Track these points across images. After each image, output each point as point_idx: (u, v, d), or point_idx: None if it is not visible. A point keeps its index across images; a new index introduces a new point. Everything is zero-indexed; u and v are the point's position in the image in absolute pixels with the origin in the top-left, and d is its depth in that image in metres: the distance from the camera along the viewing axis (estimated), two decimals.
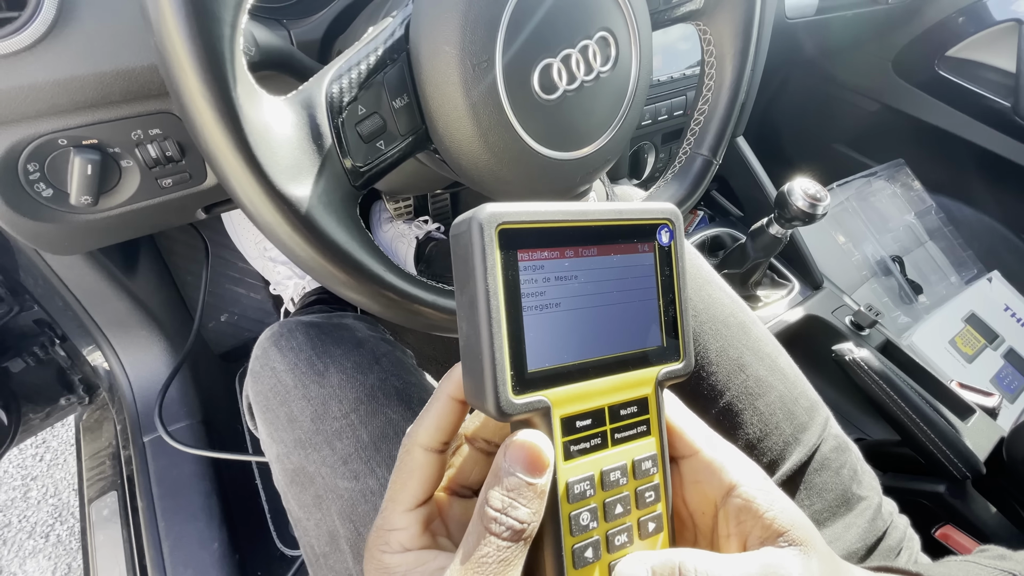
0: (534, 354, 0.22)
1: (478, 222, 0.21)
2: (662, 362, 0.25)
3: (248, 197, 0.27)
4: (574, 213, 0.23)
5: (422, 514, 0.24)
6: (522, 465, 0.21)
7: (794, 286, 0.96)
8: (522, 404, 0.21)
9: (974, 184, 1.33)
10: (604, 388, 0.24)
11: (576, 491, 0.22)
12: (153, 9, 0.23)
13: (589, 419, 0.23)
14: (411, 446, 0.25)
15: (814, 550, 0.23)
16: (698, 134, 0.49)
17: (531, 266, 0.22)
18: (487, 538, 0.20)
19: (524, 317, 0.22)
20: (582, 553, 0.22)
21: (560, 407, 0.23)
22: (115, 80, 0.39)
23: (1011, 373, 1.11)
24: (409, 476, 0.24)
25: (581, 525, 0.22)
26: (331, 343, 0.47)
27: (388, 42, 0.32)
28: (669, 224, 0.26)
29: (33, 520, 1.19)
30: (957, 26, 1.20)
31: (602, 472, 0.23)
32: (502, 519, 0.20)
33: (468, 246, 0.21)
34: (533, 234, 0.22)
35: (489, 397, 0.21)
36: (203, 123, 0.24)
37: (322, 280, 0.31)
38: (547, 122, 0.35)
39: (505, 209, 0.21)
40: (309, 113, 0.29)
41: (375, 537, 0.24)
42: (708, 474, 0.25)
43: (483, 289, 0.21)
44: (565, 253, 0.23)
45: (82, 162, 0.40)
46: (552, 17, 0.33)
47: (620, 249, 0.24)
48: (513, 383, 0.21)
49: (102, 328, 0.79)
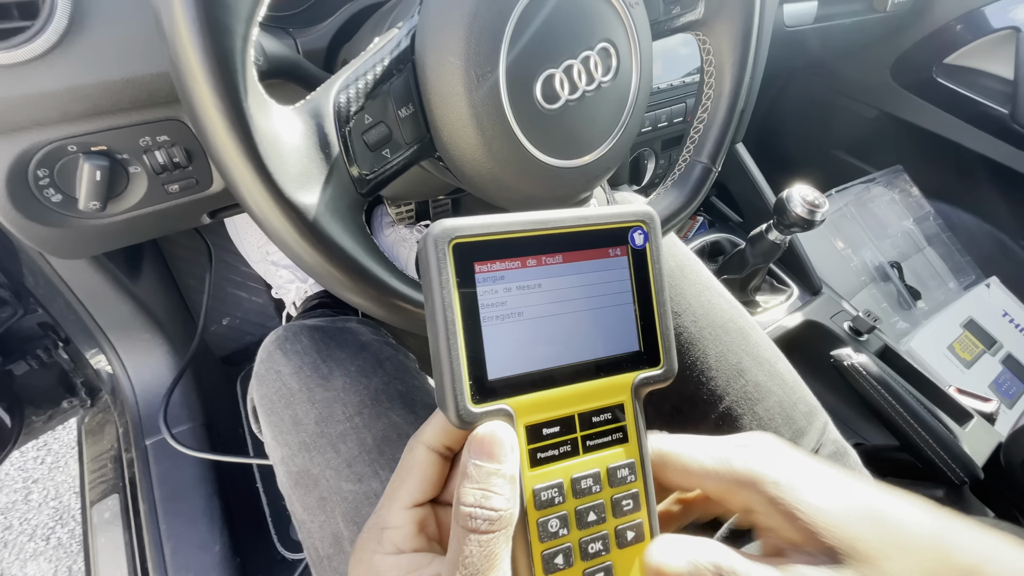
0: (495, 363, 0.22)
1: (432, 238, 0.21)
2: (639, 367, 0.25)
3: (258, 204, 0.27)
4: (533, 223, 0.23)
5: (419, 515, 0.24)
6: (484, 455, 0.21)
7: (793, 292, 0.97)
8: (481, 412, 0.22)
9: (972, 190, 1.34)
10: (573, 395, 0.24)
11: (543, 498, 0.23)
12: (167, 22, 0.23)
13: (557, 426, 0.23)
14: (414, 444, 0.25)
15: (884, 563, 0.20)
16: (697, 142, 0.50)
17: (489, 277, 0.22)
18: (467, 536, 0.20)
19: (483, 327, 0.22)
20: (552, 559, 0.22)
21: (524, 415, 0.23)
22: (125, 88, 0.39)
23: (1009, 379, 1.11)
24: (408, 473, 0.24)
25: (550, 531, 0.22)
26: (335, 347, 0.48)
27: (394, 53, 0.33)
28: (643, 226, 0.25)
29: (34, 523, 1.19)
30: (955, 33, 1.21)
31: (572, 479, 0.23)
32: (476, 512, 0.20)
33: (425, 262, 0.22)
34: (491, 246, 0.22)
35: (449, 405, 0.22)
36: (215, 133, 0.25)
37: (328, 285, 0.31)
38: (549, 131, 0.36)
39: (459, 224, 0.22)
40: (317, 122, 0.29)
41: (367, 536, 0.24)
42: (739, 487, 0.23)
43: (439, 302, 0.21)
44: (527, 262, 0.23)
45: (91, 168, 0.41)
46: (555, 29, 0.34)
47: (588, 255, 0.24)
48: (472, 392, 0.22)
49: (105, 331, 0.80)
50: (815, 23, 1.02)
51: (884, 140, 1.40)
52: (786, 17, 0.96)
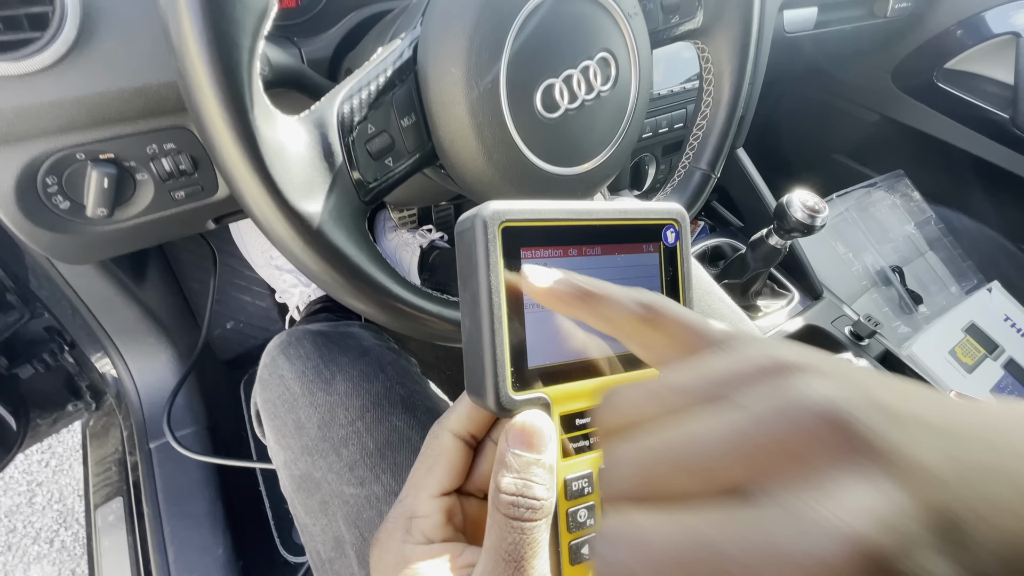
0: (535, 351, 0.22)
1: (482, 219, 0.21)
2: None
3: (263, 213, 0.28)
4: (579, 212, 0.23)
5: (447, 503, 0.23)
6: (524, 444, 0.21)
7: (794, 296, 0.97)
8: (521, 400, 0.22)
9: (974, 195, 1.34)
10: (604, 387, 0.23)
11: (574, 488, 0.23)
12: (176, 36, 0.24)
13: (589, 417, 0.23)
14: (440, 431, 0.24)
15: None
16: (697, 149, 0.50)
17: (535, 263, 0.22)
18: (509, 524, 0.20)
19: (526, 314, 0.22)
20: (579, 550, 0.22)
21: (560, 404, 0.23)
22: (133, 97, 0.40)
23: (1011, 383, 1.11)
24: (435, 461, 0.24)
25: (578, 522, 0.23)
26: (338, 351, 0.48)
27: (397, 63, 0.33)
28: (675, 224, 0.26)
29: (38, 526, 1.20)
30: (955, 39, 1.22)
31: (600, 470, 0.23)
32: (519, 501, 0.20)
33: (472, 243, 0.21)
34: (537, 232, 0.22)
35: (489, 392, 0.21)
36: (222, 144, 0.26)
37: (331, 291, 0.32)
38: (549, 139, 0.36)
39: (509, 207, 0.22)
40: (321, 132, 0.30)
41: (393, 526, 0.23)
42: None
43: (485, 286, 0.21)
44: (569, 252, 0.23)
45: (99, 176, 0.42)
46: (555, 40, 0.35)
47: (625, 249, 0.25)
48: (513, 379, 0.21)
49: (110, 335, 0.80)
50: (815, 29, 1.02)
51: (885, 145, 1.41)
52: (786, 23, 0.96)
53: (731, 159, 1.05)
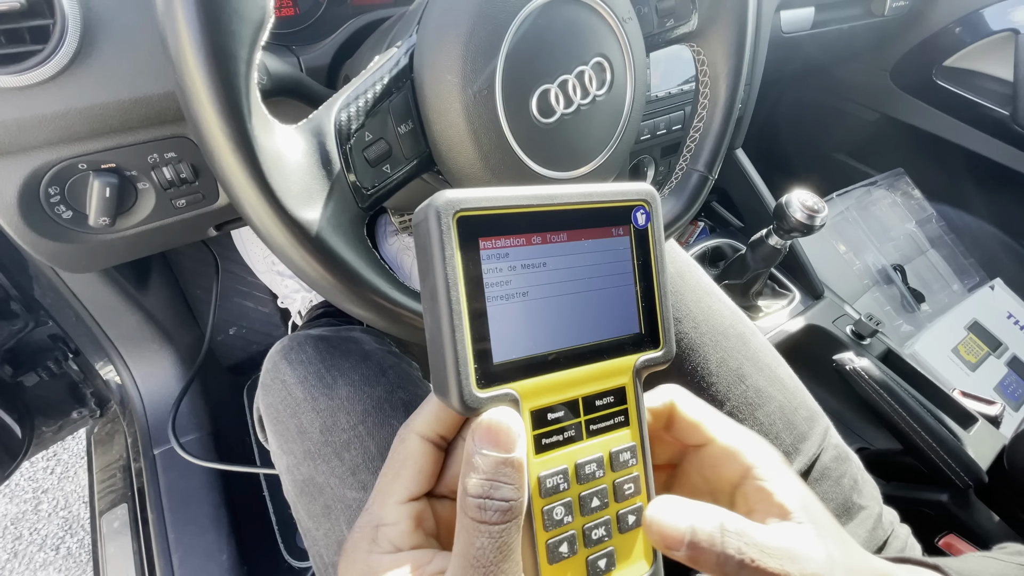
0: (500, 345, 0.21)
1: (435, 209, 0.20)
2: (640, 350, 0.25)
3: (262, 221, 0.28)
4: (540, 197, 0.22)
5: (415, 509, 0.23)
6: (491, 443, 0.20)
7: (795, 296, 0.97)
8: (487, 397, 0.21)
9: (974, 192, 1.34)
10: (577, 378, 0.23)
11: (548, 485, 0.22)
12: (174, 48, 0.24)
13: (561, 411, 0.23)
14: (406, 434, 0.23)
15: (827, 530, 0.23)
16: (694, 151, 0.50)
17: (494, 254, 0.21)
18: (477, 528, 0.19)
19: (488, 307, 0.21)
20: (556, 548, 0.22)
21: (529, 399, 0.22)
22: (133, 107, 0.41)
23: (1015, 381, 1.11)
24: (402, 465, 0.23)
25: (555, 519, 0.22)
26: (339, 356, 0.49)
27: (393, 71, 0.34)
28: (645, 205, 0.25)
29: (44, 532, 1.21)
30: (954, 36, 1.22)
31: (576, 465, 0.23)
32: (487, 504, 0.19)
33: (426, 235, 0.20)
34: (496, 220, 0.21)
35: (452, 391, 0.20)
36: (220, 154, 0.26)
37: (330, 297, 0.32)
38: (545, 144, 0.37)
39: (464, 195, 0.20)
40: (319, 140, 0.30)
41: (359, 536, 0.22)
42: (726, 459, 0.25)
43: (442, 279, 0.20)
44: (532, 239, 0.22)
45: (101, 185, 0.42)
46: (549, 46, 0.35)
47: (592, 233, 0.23)
48: (477, 376, 0.20)
49: (114, 342, 0.81)
50: (812, 29, 1.02)
51: (885, 143, 1.41)
52: (783, 23, 0.96)
53: (730, 160, 1.05)
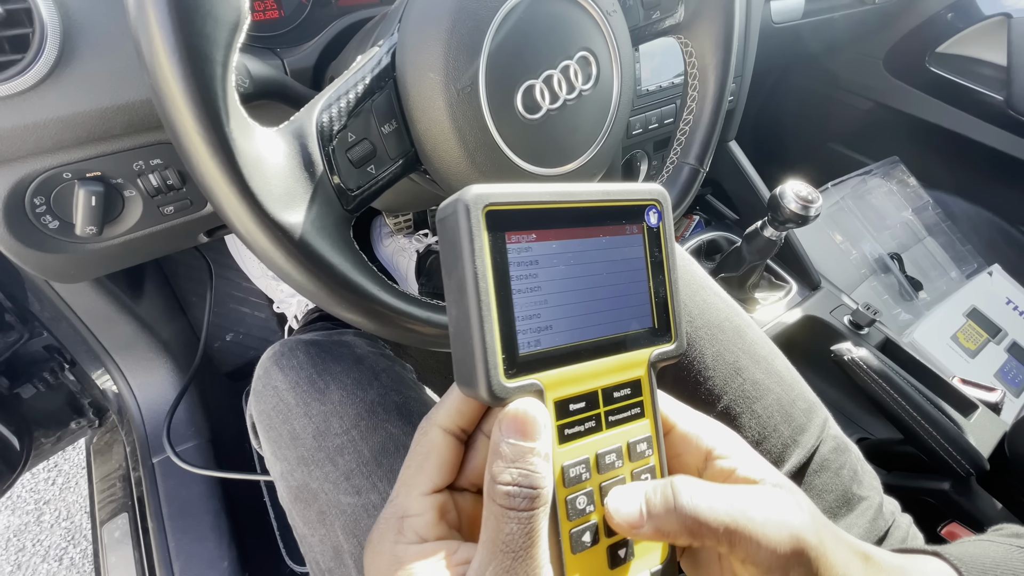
0: (525, 337, 0.22)
1: (464, 204, 0.21)
2: (654, 343, 0.25)
3: (244, 226, 0.28)
4: (562, 194, 0.23)
5: (439, 501, 0.23)
6: (519, 432, 0.21)
7: (792, 287, 0.97)
8: (514, 387, 0.21)
9: (970, 178, 1.33)
10: (597, 371, 0.24)
11: (572, 474, 0.22)
12: (148, 53, 0.24)
13: (583, 402, 0.23)
14: (428, 427, 0.24)
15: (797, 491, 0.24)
16: (684, 144, 0.50)
17: (520, 248, 0.22)
18: (506, 514, 0.20)
19: (514, 299, 0.21)
20: (580, 537, 0.22)
21: (553, 390, 0.22)
22: (116, 114, 0.40)
23: (1015, 367, 1.11)
24: (426, 458, 0.23)
25: (578, 509, 0.22)
26: (331, 360, 0.48)
27: (375, 70, 0.33)
28: (657, 205, 0.26)
29: (47, 544, 1.20)
30: (946, 22, 1.21)
31: (597, 455, 0.23)
32: (514, 491, 0.20)
33: (455, 229, 0.21)
34: (521, 215, 0.22)
35: (480, 381, 0.21)
36: (199, 158, 0.25)
37: (319, 302, 0.32)
38: (532, 140, 0.36)
39: (492, 190, 0.21)
40: (301, 142, 0.30)
41: (384, 527, 0.23)
42: (686, 445, 0.25)
43: (471, 271, 0.20)
44: (554, 234, 0.23)
45: (86, 194, 0.42)
46: (533, 41, 0.35)
47: (609, 230, 0.24)
48: (505, 366, 0.21)
49: (110, 352, 0.81)
50: (803, 18, 1.02)
51: (880, 131, 1.40)
52: (773, 14, 0.96)
53: (724, 152, 1.05)
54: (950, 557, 0.30)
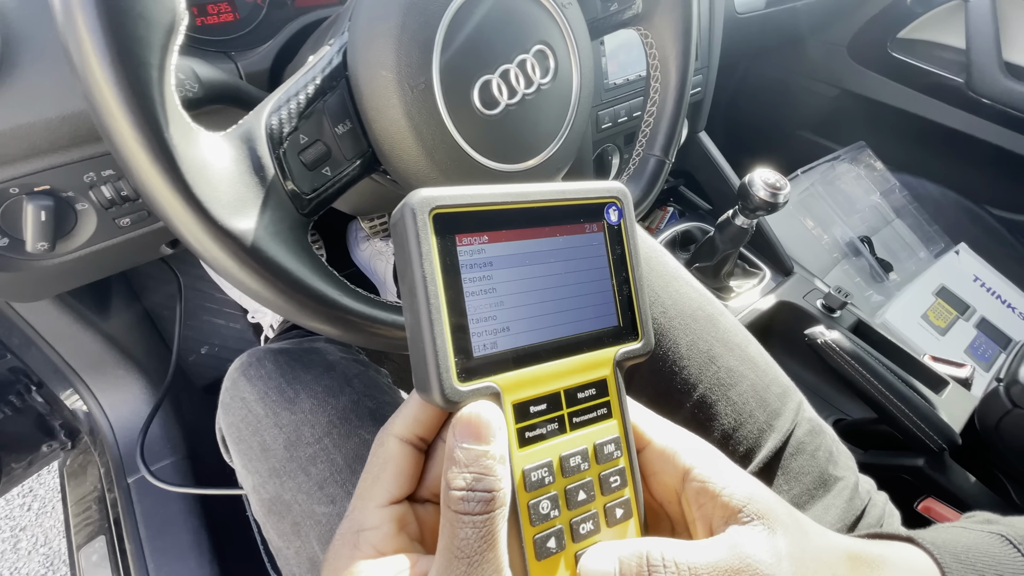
0: (480, 339, 0.21)
1: (410, 208, 0.20)
2: (619, 342, 0.25)
3: (192, 234, 0.27)
4: (515, 195, 0.23)
5: (397, 512, 0.22)
6: (472, 436, 0.20)
7: (765, 274, 0.98)
8: (468, 391, 0.21)
9: (934, 160, 1.36)
10: (558, 371, 0.23)
11: (533, 479, 0.22)
12: (78, 59, 0.23)
13: (544, 404, 0.23)
14: (384, 437, 0.23)
15: (778, 523, 0.23)
16: (649, 135, 0.50)
17: (471, 250, 0.22)
18: (460, 519, 0.19)
19: (466, 302, 0.21)
20: (544, 543, 0.22)
21: (511, 392, 0.22)
22: (61, 125, 0.39)
23: (984, 342, 1.13)
24: (382, 469, 0.23)
25: (541, 514, 0.22)
26: (301, 369, 0.47)
27: (326, 70, 0.32)
28: (617, 202, 0.25)
29: (25, 571, 1.17)
30: (906, 8, 1.24)
31: (561, 458, 0.23)
32: (468, 495, 0.19)
33: (403, 233, 0.21)
34: (471, 217, 0.22)
35: (434, 385, 0.20)
36: (138, 167, 0.25)
37: (277, 309, 0.31)
38: (492, 136, 0.36)
39: (439, 193, 0.21)
40: (249, 146, 0.29)
41: (340, 543, 0.22)
42: (663, 463, 0.25)
43: (420, 275, 0.20)
44: (508, 235, 0.23)
45: (35, 209, 0.40)
46: (487, 35, 0.34)
47: (567, 230, 0.24)
48: (458, 369, 0.21)
49: (77, 371, 0.78)
50: (767, 8, 1.03)
51: (846, 117, 1.43)
52: (736, 4, 0.97)
53: (695, 143, 1.06)
54: (924, 542, 0.30)
